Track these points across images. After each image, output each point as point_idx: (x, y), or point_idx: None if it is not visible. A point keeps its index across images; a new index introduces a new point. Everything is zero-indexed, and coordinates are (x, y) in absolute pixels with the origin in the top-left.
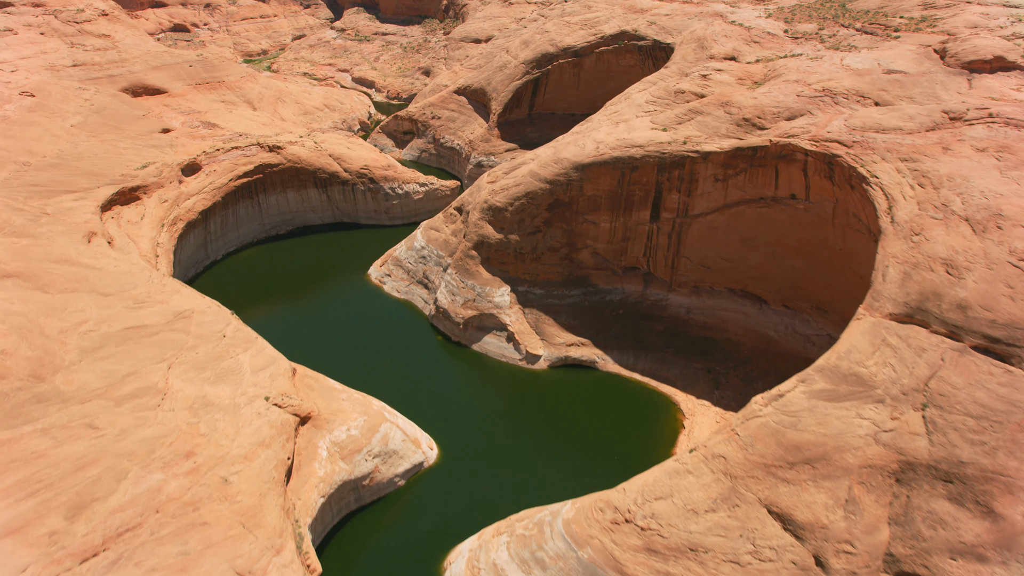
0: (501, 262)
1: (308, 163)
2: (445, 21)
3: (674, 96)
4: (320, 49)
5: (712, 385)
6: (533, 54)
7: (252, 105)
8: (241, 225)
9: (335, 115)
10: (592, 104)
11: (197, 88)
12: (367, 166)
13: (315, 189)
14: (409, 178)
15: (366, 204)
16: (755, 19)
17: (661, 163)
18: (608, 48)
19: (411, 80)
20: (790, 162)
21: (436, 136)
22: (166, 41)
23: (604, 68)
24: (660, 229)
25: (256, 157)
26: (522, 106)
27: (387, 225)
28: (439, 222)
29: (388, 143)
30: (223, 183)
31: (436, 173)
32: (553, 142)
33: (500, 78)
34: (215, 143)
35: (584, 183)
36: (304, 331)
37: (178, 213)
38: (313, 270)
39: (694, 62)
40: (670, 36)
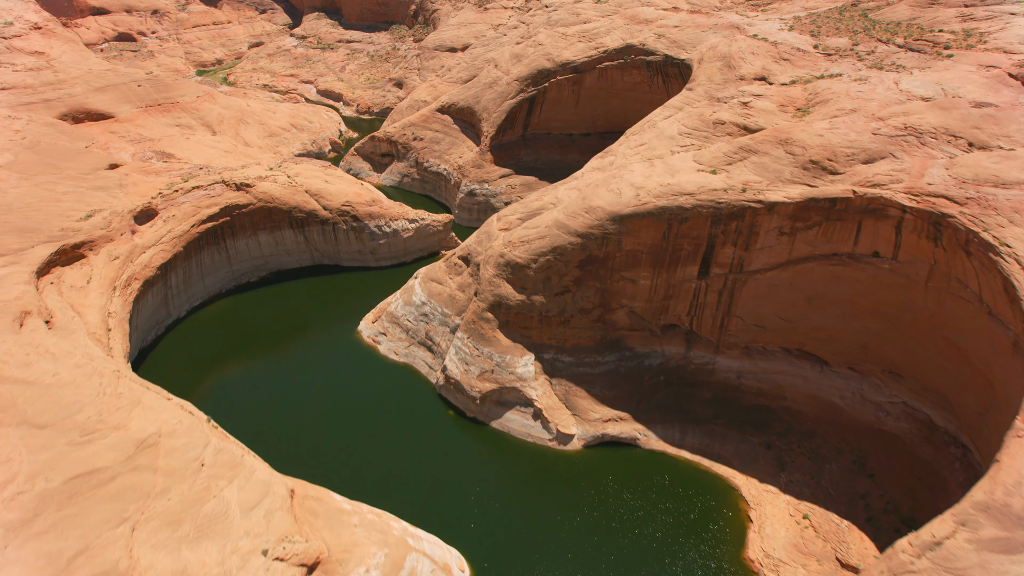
0: (523, 326)
1: (282, 202)
2: (415, 27)
3: (712, 127)
4: (280, 58)
5: (776, 465)
6: (528, 70)
7: (211, 128)
8: (207, 275)
9: (303, 136)
10: (592, 123)
11: (148, 111)
12: (349, 202)
13: (290, 230)
14: (397, 214)
15: (349, 245)
16: (779, 32)
17: (716, 214)
18: (612, 63)
19: (382, 92)
20: (880, 218)
21: (419, 159)
22: (110, 52)
23: (607, 85)
24: (709, 286)
25: (221, 197)
26: (516, 127)
27: (373, 267)
28: (441, 272)
29: (364, 167)
30: (184, 230)
31: (420, 200)
32: (576, 181)
33: (491, 96)
34: (172, 180)
35: (623, 237)
36: (290, 408)
37: (132, 271)
38: (293, 326)
39: (722, 84)
40: (683, 51)
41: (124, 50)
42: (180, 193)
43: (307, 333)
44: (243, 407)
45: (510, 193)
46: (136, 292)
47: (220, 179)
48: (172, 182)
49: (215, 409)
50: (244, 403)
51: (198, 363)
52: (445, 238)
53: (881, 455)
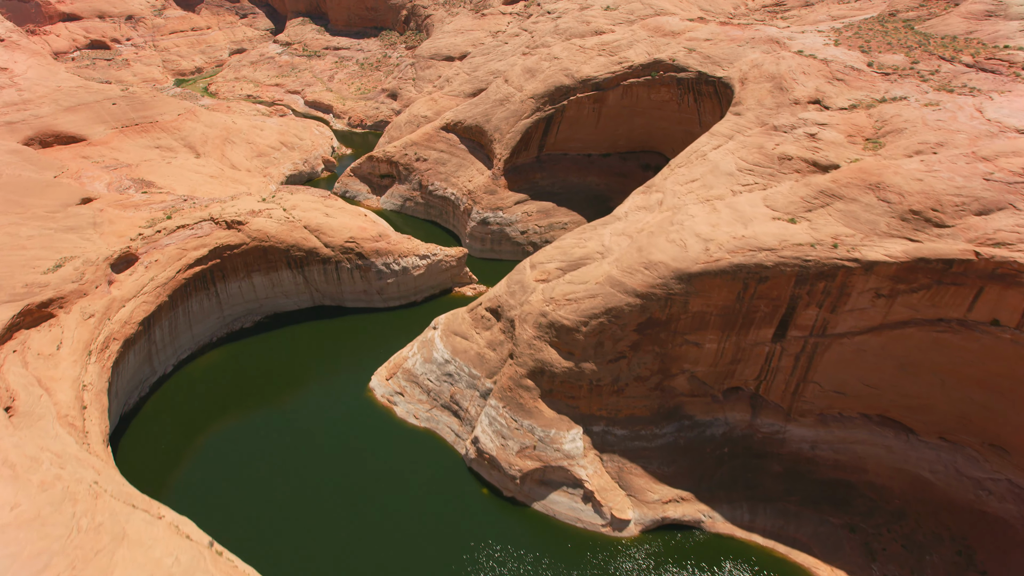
0: (569, 396)
1: (278, 240)
2: (406, 34)
3: (777, 163)
4: (264, 67)
5: (864, 554)
6: (544, 86)
7: (195, 150)
8: (195, 323)
9: (294, 155)
10: (612, 143)
11: (124, 132)
12: (353, 238)
13: (288, 271)
14: (406, 250)
15: (353, 284)
16: (825, 48)
17: (802, 273)
18: (638, 80)
19: (375, 104)
20: (1009, 284)
21: (423, 182)
22: (82, 61)
23: (631, 103)
24: (785, 350)
25: (210, 237)
26: (531, 148)
27: (380, 308)
28: (465, 325)
29: (362, 189)
30: (169, 277)
31: (424, 226)
32: (621, 223)
33: (503, 115)
34: (153, 215)
35: (690, 298)
36: (293, 482)
37: (111, 331)
38: (294, 381)
39: (774, 108)
40: (719, 68)
41: (97, 59)
42: (163, 234)
43: (310, 390)
44: (239, 483)
45: (526, 221)
46: (115, 355)
47: (208, 216)
48: (153, 218)
49: (207, 485)
50: (240, 478)
51: (187, 427)
52: (459, 273)
53: (990, 544)
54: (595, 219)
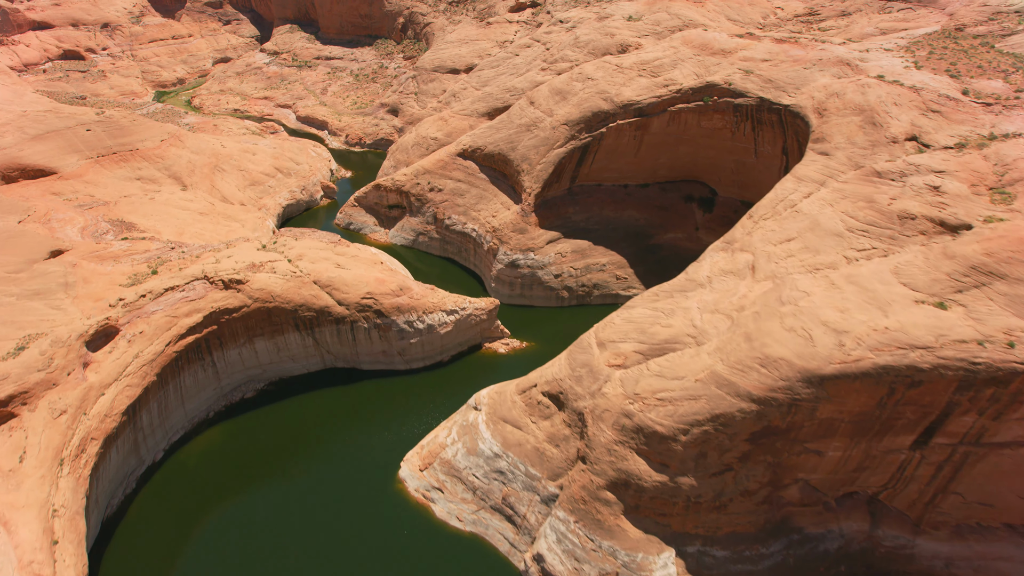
0: (660, 512)
1: (285, 300)
2: (403, 43)
3: (898, 223)
4: (251, 78)
5: None
6: (579, 112)
7: (180, 181)
8: (189, 399)
9: (291, 181)
10: (652, 173)
11: (101, 162)
12: (371, 294)
13: (296, 333)
14: (432, 305)
15: (371, 345)
16: (906, 71)
17: (967, 379)
18: (688, 106)
19: (374, 120)
20: None
21: (438, 215)
22: (54, 73)
23: (678, 131)
24: (925, 458)
25: (205, 300)
26: (562, 180)
27: (401, 371)
28: (517, 411)
29: (368, 221)
30: (157, 352)
31: (440, 264)
32: (710, 295)
33: (531, 142)
34: (136, 268)
35: (820, 404)
36: None
37: (88, 429)
38: (306, 464)
39: (869, 148)
40: (784, 94)
41: (71, 70)
42: (149, 299)
43: (327, 478)
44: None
45: (560, 263)
46: (94, 459)
47: (202, 274)
48: (136, 273)
49: None
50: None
51: (182, 527)
52: (489, 327)
53: None
54: (635, 258)
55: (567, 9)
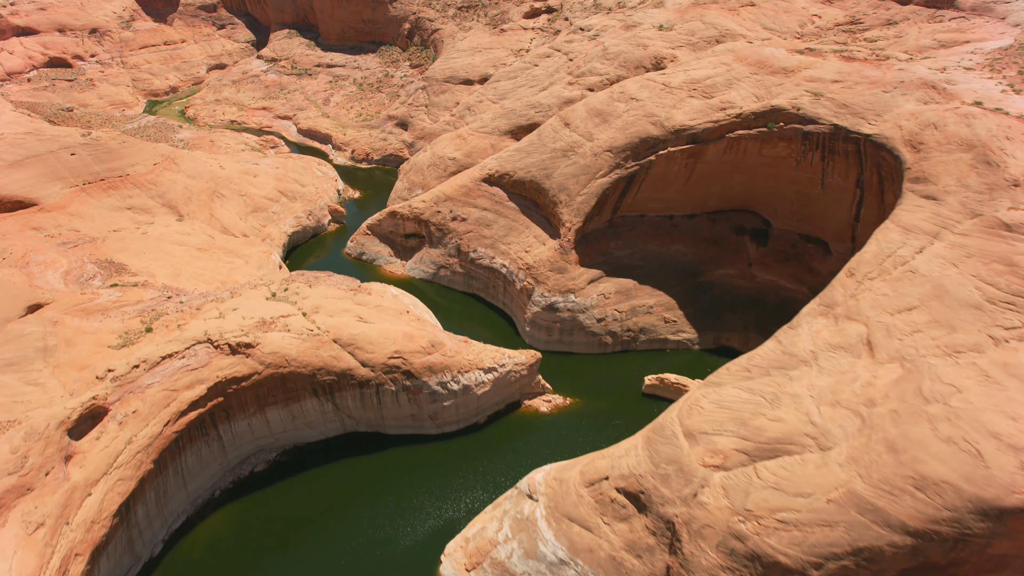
0: None
1: (301, 364)
2: (409, 50)
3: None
4: (248, 86)
5: None
6: (625, 137)
7: (176, 210)
8: (191, 479)
9: (296, 206)
10: (701, 203)
11: (87, 190)
12: (399, 352)
13: (314, 399)
14: (467, 363)
15: (398, 409)
16: (1003, 95)
17: None
18: (749, 132)
19: (381, 134)
20: None
21: (462, 248)
22: (40, 83)
23: (736, 159)
24: None
25: (209, 369)
26: (604, 212)
27: (432, 435)
28: (585, 508)
29: (382, 251)
30: (154, 435)
31: (464, 301)
32: (824, 378)
33: (569, 170)
34: (128, 324)
35: (996, 539)
36: None
37: (72, 542)
38: (325, 550)
39: (987, 193)
40: (864, 121)
41: (57, 79)
42: (143, 369)
43: (352, 569)
44: None
45: (604, 305)
46: None
47: (204, 336)
48: (128, 331)
49: None
50: None
51: None
52: (530, 383)
53: None
54: (684, 298)
55: (587, 16)
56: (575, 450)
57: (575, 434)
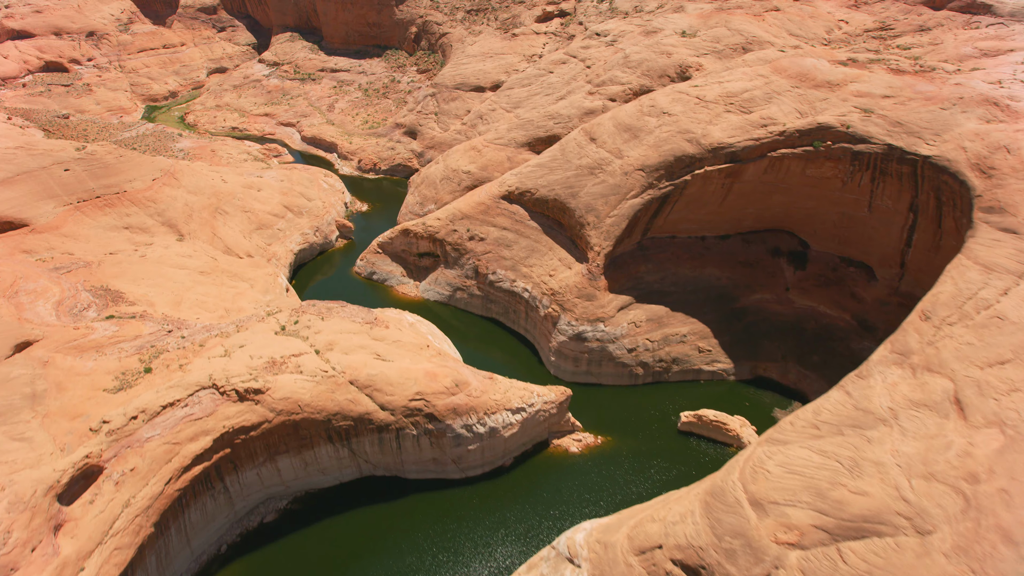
0: None
1: (315, 409)
2: (416, 54)
3: None
4: (250, 91)
5: None
6: (658, 155)
7: (176, 229)
8: (195, 536)
9: (302, 222)
10: (736, 223)
11: (82, 209)
12: (421, 394)
13: (328, 445)
14: (494, 404)
15: (419, 453)
16: None
17: None
18: (793, 151)
19: (389, 143)
20: None
21: (480, 269)
22: (35, 88)
23: (776, 179)
24: None
25: (214, 419)
26: (634, 234)
27: (455, 480)
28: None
29: (394, 271)
30: (154, 495)
31: (481, 325)
32: (911, 446)
33: (596, 189)
34: (125, 363)
35: None
36: None
37: None
38: None
39: None
40: (921, 141)
41: (53, 84)
42: (142, 421)
43: None
44: None
45: (635, 335)
46: None
47: (209, 381)
48: (125, 372)
49: None
50: None
51: None
52: (559, 421)
53: None
54: (719, 326)
55: (602, 20)
56: (611, 497)
57: (610, 479)
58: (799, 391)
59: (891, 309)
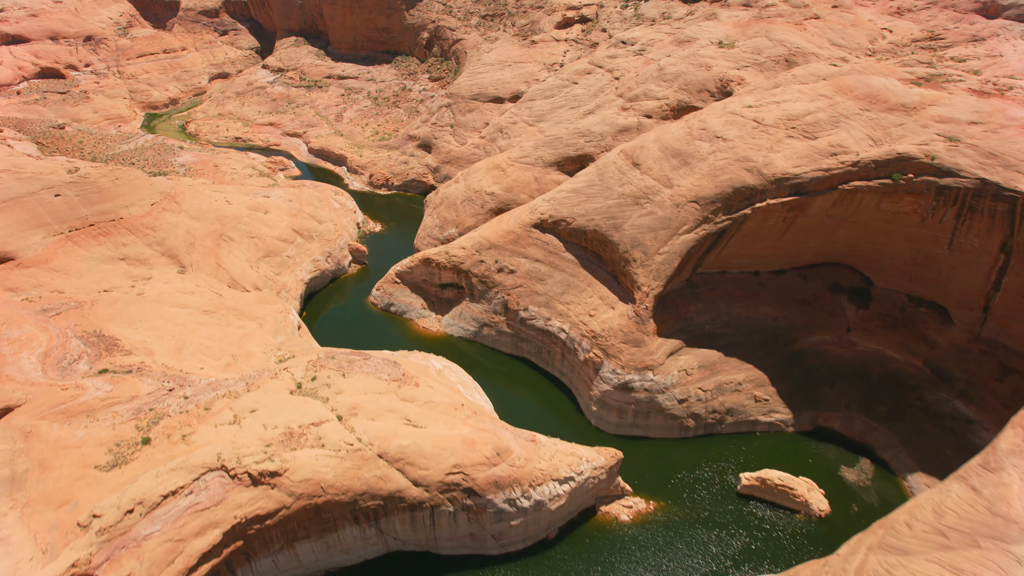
0: None
1: (340, 490)
2: (428, 61)
3: None
4: (253, 99)
5: None
6: (714, 186)
7: (177, 260)
8: None
9: (313, 247)
10: (795, 257)
11: (74, 239)
12: (459, 467)
13: (354, 526)
14: (540, 475)
15: (455, 529)
16: None
17: None
18: (868, 184)
19: (402, 156)
20: None
21: (510, 305)
22: (30, 95)
23: (845, 212)
24: None
25: (224, 508)
26: (684, 271)
27: (494, 555)
28: None
29: (414, 303)
30: None
31: (511, 364)
32: None
33: (644, 222)
34: (120, 432)
35: None
36: None
37: None
38: None
39: None
40: (1020, 176)
41: (49, 91)
42: (139, 514)
43: None
44: None
45: (686, 384)
46: None
47: (217, 463)
48: (120, 443)
49: None
50: None
51: None
52: (608, 486)
53: None
54: (777, 372)
55: (628, 27)
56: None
57: (667, 554)
58: (865, 444)
59: (972, 358)
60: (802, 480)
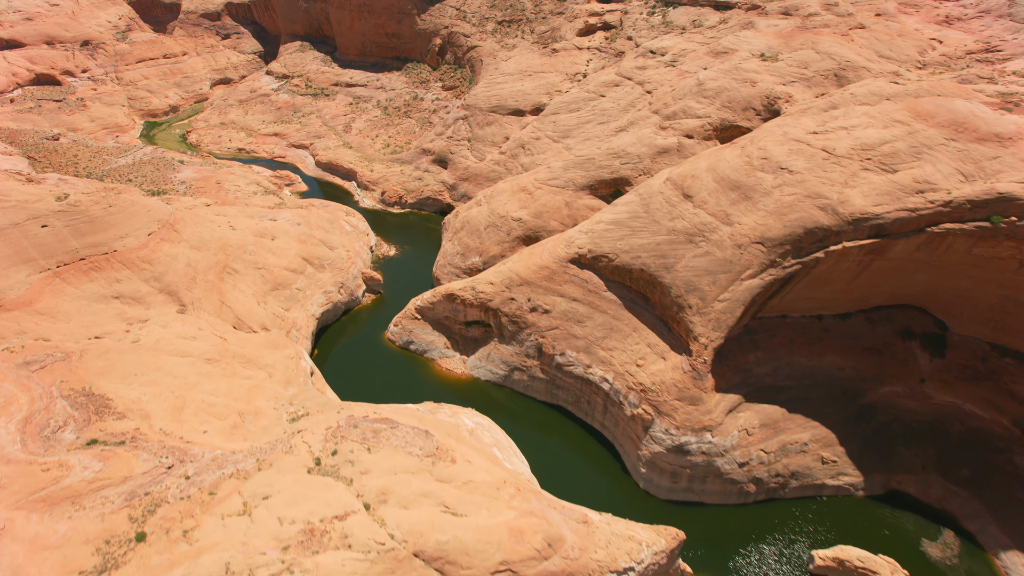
0: None
1: None
2: (441, 68)
3: None
4: (257, 107)
5: None
6: (783, 226)
7: (176, 297)
8: None
9: (325, 278)
10: (863, 300)
11: (62, 275)
12: (507, 563)
13: None
14: (597, 566)
15: None
16: None
17: None
18: (962, 227)
19: (416, 172)
20: None
21: (544, 348)
22: (24, 103)
23: (930, 256)
24: None
25: None
26: (744, 318)
27: None
28: None
29: (436, 341)
30: None
31: (543, 412)
32: None
33: (699, 263)
34: (111, 527)
35: None
36: None
37: None
38: None
39: None
40: None
41: (44, 99)
42: None
43: None
44: None
45: (747, 445)
46: None
47: (224, 569)
48: (110, 539)
49: None
50: None
51: None
52: (668, 570)
53: None
54: (845, 430)
55: (656, 35)
56: None
57: None
58: (946, 512)
59: None
60: (883, 560)
